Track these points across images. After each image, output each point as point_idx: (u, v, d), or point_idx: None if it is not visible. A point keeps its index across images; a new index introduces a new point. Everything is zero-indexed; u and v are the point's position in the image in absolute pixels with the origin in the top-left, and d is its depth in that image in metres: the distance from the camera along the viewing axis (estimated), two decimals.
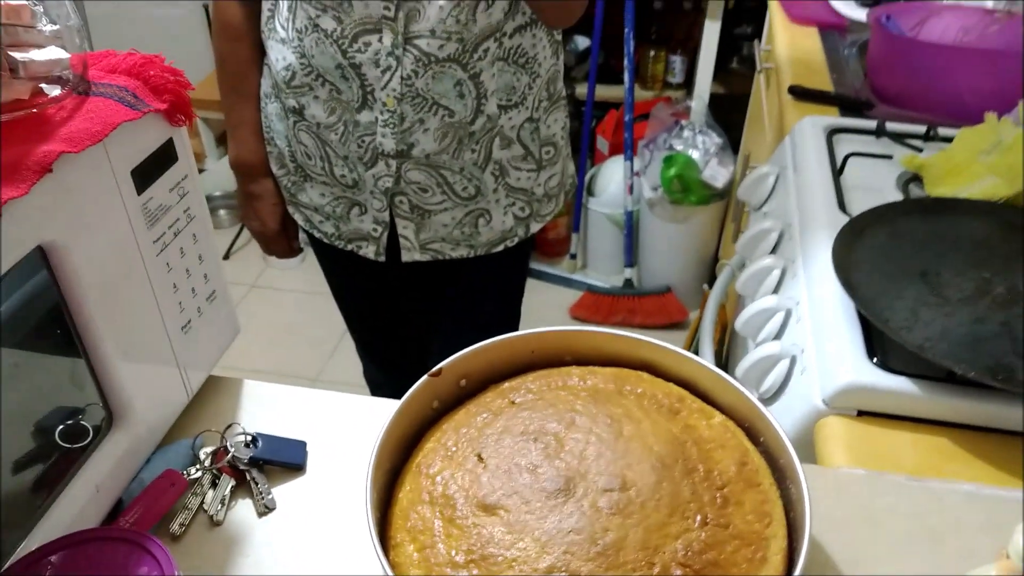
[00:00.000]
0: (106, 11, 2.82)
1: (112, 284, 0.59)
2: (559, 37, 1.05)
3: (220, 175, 2.52)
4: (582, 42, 2.39)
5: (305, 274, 2.44)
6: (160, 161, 0.62)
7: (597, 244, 2.43)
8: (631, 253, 2.31)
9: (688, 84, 2.27)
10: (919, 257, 0.79)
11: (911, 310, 0.73)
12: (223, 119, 1.14)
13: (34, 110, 0.56)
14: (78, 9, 0.62)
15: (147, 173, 0.61)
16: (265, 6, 1.01)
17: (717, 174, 2.03)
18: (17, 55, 0.56)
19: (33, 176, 0.50)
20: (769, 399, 0.79)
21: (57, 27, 0.59)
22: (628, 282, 2.34)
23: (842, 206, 0.93)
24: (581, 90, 2.29)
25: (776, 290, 0.92)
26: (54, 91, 0.58)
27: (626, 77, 2.09)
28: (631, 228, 2.26)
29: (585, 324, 2.28)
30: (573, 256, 2.46)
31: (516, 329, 1.38)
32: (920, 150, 1.02)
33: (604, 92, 2.31)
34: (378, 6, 0.90)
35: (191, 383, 0.72)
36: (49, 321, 0.58)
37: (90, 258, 0.57)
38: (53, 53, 0.58)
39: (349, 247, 1.12)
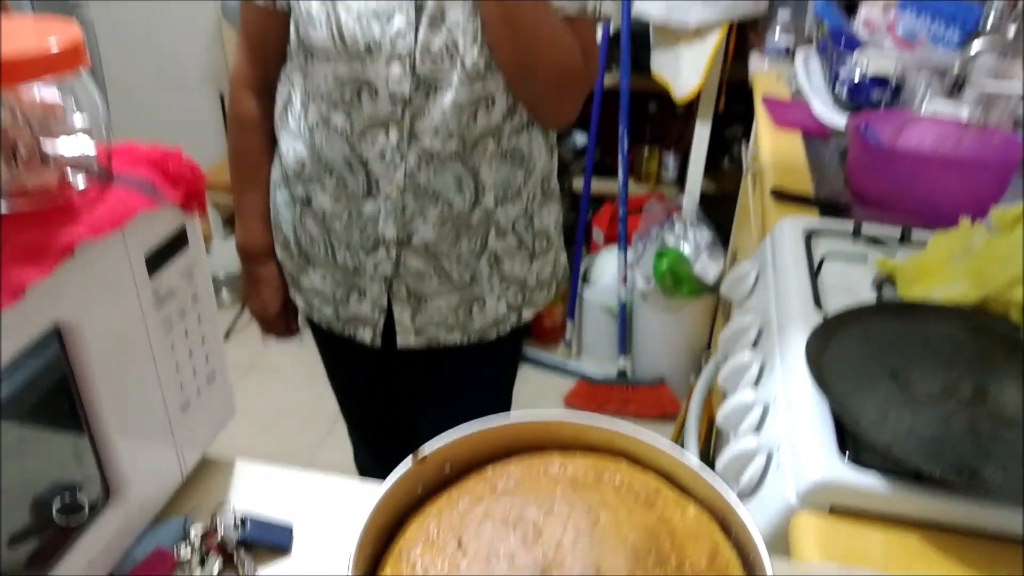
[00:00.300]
0: (127, 96, 2.95)
1: (119, 362, 0.63)
2: (554, 138, 1.11)
3: (225, 256, 2.58)
4: (580, 139, 2.49)
5: (302, 356, 2.46)
6: (172, 247, 0.66)
7: (592, 332, 2.47)
8: (625, 343, 2.34)
9: (681, 181, 2.36)
10: (890, 357, 0.83)
11: (881, 408, 0.76)
12: (232, 203, 1.19)
13: (60, 198, 0.61)
14: (103, 99, 0.67)
15: (159, 258, 0.65)
16: (279, 100, 1.08)
17: (708, 268, 2.09)
18: (48, 145, 0.61)
19: (55, 259, 0.54)
20: (748, 494, 0.81)
21: (86, 119, 0.65)
22: (622, 372, 2.36)
23: (818, 305, 0.97)
24: (578, 183, 2.37)
25: (755, 385, 0.95)
26: (79, 180, 0.63)
27: (620, 173, 2.18)
28: (625, 318, 2.30)
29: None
30: (568, 343, 2.49)
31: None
32: (894, 253, 1.07)
33: (600, 186, 2.40)
34: (386, 105, 0.96)
35: (186, 462, 0.74)
36: (54, 396, 0.61)
37: (101, 337, 0.60)
38: (81, 145, 0.63)
39: (347, 331, 1.16)
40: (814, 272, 1.05)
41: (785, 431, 0.81)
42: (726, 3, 1.83)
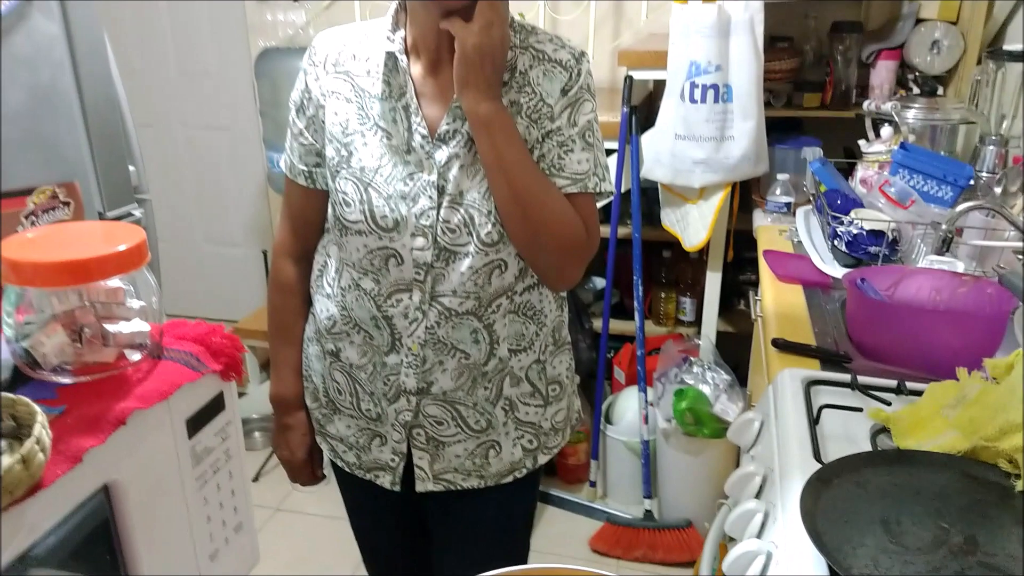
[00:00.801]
0: (178, 248, 3.17)
1: (157, 515, 0.70)
2: (564, 293, 1.21)
3: (259, 399, 2.67)
4: (599, 282, 2.60)
5: (328, 499, 2.49)
6: (210, 411, 0.75)
7: (616, 472, 2.47)
8: (650, 484, 2.34)
9: (698, 322, 2.43)
10: (881, 506, 0.86)
11: (872, 558, 0.79)
12: (267, 350, 1.28)
13: (116, 371, 0.70)
14: (158, 286, 0.78)
15: (199, 421, 0.73)
16: (315, 266, 1.20)
17: (728, 409, 2.12)
18: (110, 327, 0.72)
19: (110, 428, 0.63)
20: None
21: (143, 303, 0.75)
22: (648, 513, 2.35)
23: (817, 455, 1.01)
24: (598, 324, 2.46)
25: (760, 534, 0.98)
26: (134, 356, 0.72)
27: (636, 316, 2.27)
28: (648, 457, 2.31)
29: (605, 557, 2.27)
30: (593, 484, 2.49)
31: (525, 561, 1.42)
32: (889, 403, 1.12)
33: (620, 326, 2.48)
34: (411, 271, 1.07)
35: None
36: (95, 548, 0.68)
37: (143, 493, 0.68)
38: (137, 325, 0.73)
39: (368, 476, 1.22)
40: (813, 422, 1.09)
41: None
42: (728, 167, 1.97)
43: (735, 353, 2.34)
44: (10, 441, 0.59)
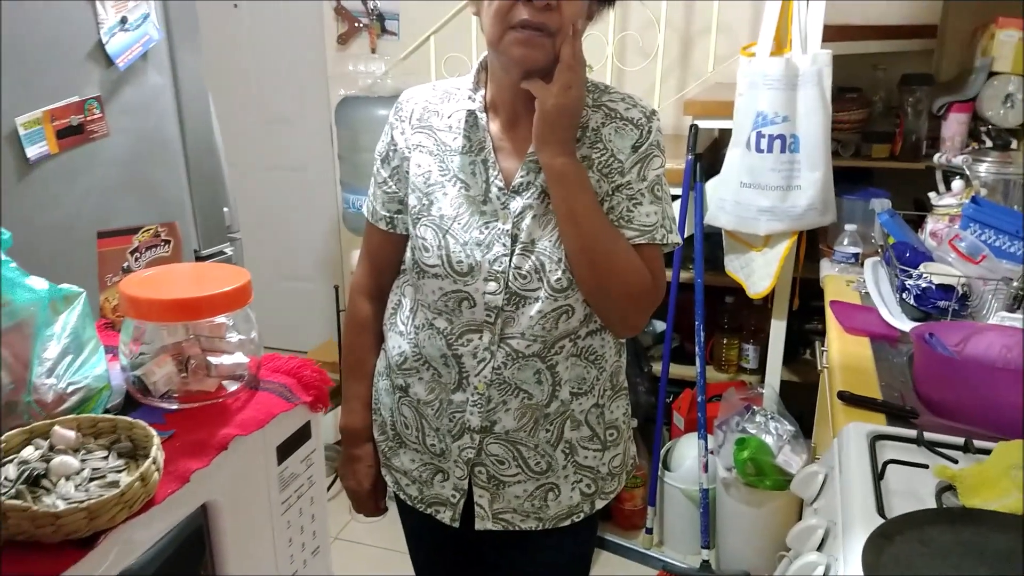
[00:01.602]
0: (255, 282, 3.30)
1: (247, 535, 0.75)
2: (623, 340, 1.24)
3: (325, 428, 2.75)
4: (659, 325, 2.61)
5: (386, 532, 2.54)
6: (298, 439, 0.81)
7: (674, 519, 2.45)
8: (708, 534, 2.31)
9: (761, 369, 2.41)
10: (944, 565, 0.86)
11: None
12: (337, 382, 1.34)
13: (218, 400, 0.76)
14: (253, 322, 0.84)
15: (288, 448, 0.79)
16: (390, 305, 1.26)
17: (791, 460, 2.09)
18: (213, 359, 0.78)
19: (214, 452, 0.69)
20: None
21: (243, 337, 0.82)
22: (706, 564, 2.32)
23: (880, 510, 1.01)
24: (657, 368, 2.46)
25: None
26: (232, 386, 0.79)
27: (697, 363, 2.27)
28: (707, 506, 2.29)
29: None
30: (649, 531, 2.47)
31: None
32: (956, 461, 1.11)
33: (680, 371, 2.48)
34: (482, 313, 1.12)
35: None
36: (185, 563, 0.73)
37: (236, 513, 0.74)
38: (237, 358, 0.80)
39: (428, 511, 1.26)
40: (878, 477, 1.09)
41: None
42: (794, 216, 1.98)
43: (799, 403, 2.31)
44: (128, 461, 0.66)
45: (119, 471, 0.64)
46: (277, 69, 3.07)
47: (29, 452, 0.64)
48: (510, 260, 1.10)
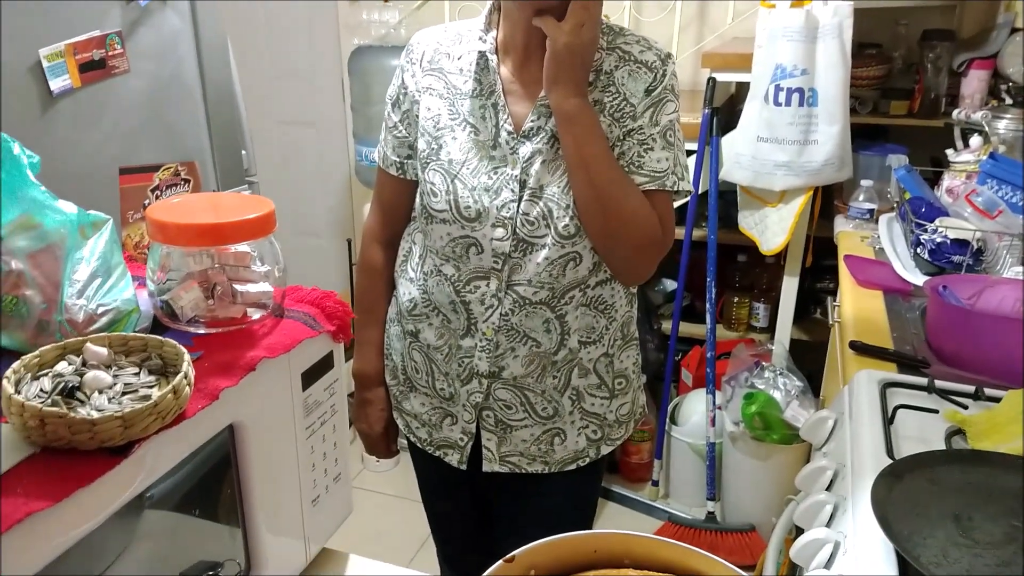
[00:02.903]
0: None
1: (271, 459, 0.77)
2: (634, 290, 1.24)
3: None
4: (670, 284, 2.62)
5: (397, 480, 2.58)
6: (322, 367, 0.82)
7: (680, 473, 2.49)
8: (714, 486, 2.35)
9: (771, 328, 2.43)
10: (954, 502, 0.88)
11: (941, 549, 0.81)
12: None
13: (244, 326, 0.78)
14: (278, 253, 0.85)
15: (312, 375, 0.80)
16: (401, 252, 1.27)
17: (799, 415, 2.11)
18: (238, 287, 0.80)
19: (242, 373, 0.70)
20: None
21: (267, 267, 0.83)
22: (711, 515, 2.36)
23: (890, 452, 1.03)
24: (667, 326, 2.48)
25: (829, 523, 1.00)
26: (257, 314, 0.80)
27: (708, 319, 2.28)
28: (713, 460, 2.32)
29: None
30: (655, 483, 2.51)
31: None
32: (966, 407, 1.12)
33: (689, 329, 2.49)
34: (489, 260, 1.12)
35: (311, 551, 0.86)
36: (216, 488, 0.75)
37: (262, 436, 0.75)
38: (262, 287, 0.81)
39: (437, 453, 1.28)
40: (888, 421, 1.11)
41: (852, 568, 0.86)
42: (811, 171, 1.97)
43: (808, 362, 2.32)
44: (158, 378, 0.68)
45: (150, 387, 0.65)
46: (288, 21, 3.04)
47: (63, 367, 0.65)
48: (518, 206, 1.10)
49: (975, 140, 1.89)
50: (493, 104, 1.11)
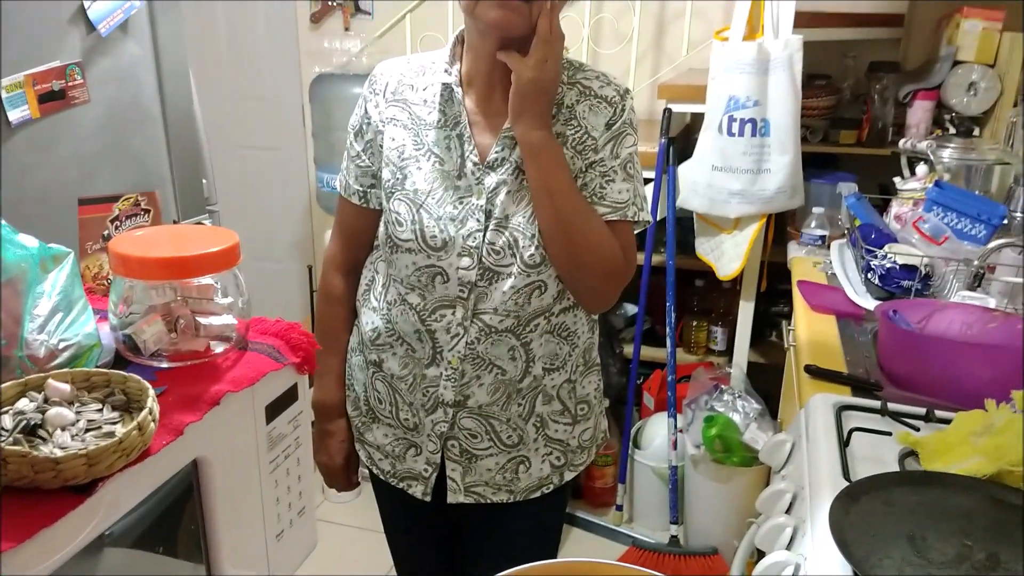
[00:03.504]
0: None
1: (236, 496, 0.77)
2: (595, 317, 1.26)
3: None
4: (631, 308, 2.65)
5: (359, 511, 2.55)
6: (286, 400, 0.82)
7: (643, 497, 2.50)
8: (677, 510, 2.37)
9: (729, 351, 2.47)
10: (908, 522, 0.90)
11: (898, 569, 0.83)
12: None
13: (207, 359, 0.77)
14: (241, 285, 0.85)
15: (276, 408, 0.80)
16: (363, 281, 1.26)
17: (757, 437, 2.15)
18: (202, 319, 0.79)
19: (206, 407, 0.70)
20: None
21: (230, 300, 0.83)
22: (674, 539, 2.37)
23: (846, 475, 1.06)
24: (628, 349, 2.51)
25: (789, 546, 1.02)
26: (221, 346, 0.80)
27: (668, 343, 2.31)
28: (676, 483, 2.34)
29: None
30: (619, 508, 2.52)
31: None
32: (918, 429, 1.16)
33: (650, 353, 2.52)
34: (455, 288, 1.13)
35: None
36: (173, 519, 0.75)
37: (225, 473, 0.75)
38: (226, 319, 0.81)
39: (401, 485, 1.27)
40: (844, 444, 1.13)
41: None
42: (764, 199, 2.02)
43: (766, 384, 2.37)
44: (122, 414, 0.67)
45: (114, 423, 0.64)
46: (249, 47, 3.03)
47: (24, 404, 0.64)
48: (484, 235, 1.10)
49: (921, 168, 1.96)
50: (459, 135, 1.13)
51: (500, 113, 1.11)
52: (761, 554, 1.11)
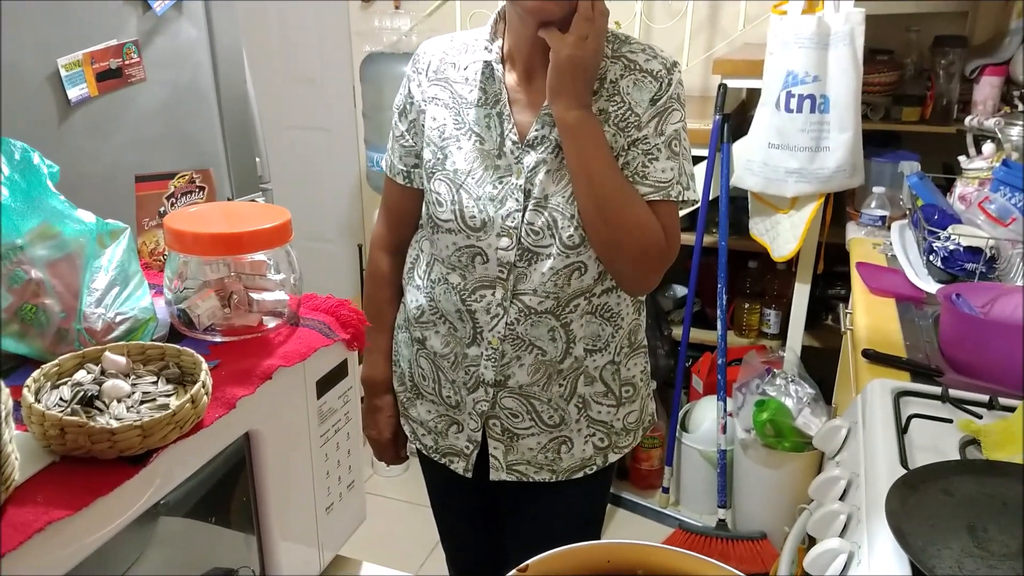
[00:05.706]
0: None
1: (287, 469, 0.78)
2: (642, 298, 1.24)
3: None
4: (680, 290, 2.61)
5: (408, 485, 2.59)
6: (336, 375, 0.82)
7: (690, 480, 2.48)
8: (725, 494, 2.34)
9: (782, 335, 2.42)
10: (968, 513, 0.87)
11: (956, 560, 0.80)
12: None
13: (260, 334, 0.78)
14: (293, 262, 0.86)
15: (327, 383, 0.81)
16: (408, 260, 1.27)
17: (810, 423, 2.11)
18: (254, 295, 0.80)
19: (259, 381, 0.71)
20: None
21: (282, 276, 0.84)
22: (722, 523, 2.35)
23: (904, 462, 1.03)
24: (677, 332, 2.48)
25: (842, 534, 1.00)
26: (273, 322, 0.81)
27: (719, 326, 2.28)
28: (724, 467, 2.32)
29: None
30: (666, 490, 2.51)
31: None
32: (980, 417, 1.11)
33: (700, 335, 2.49)
34: (495, 269, 1.12)
35: (324, 558, 0.87)
36: (225, 491, 0.76)
37: (276, 446, 0.76)
38: (278, 295, 0.82)
39: (443, 460, 1.28)
40: (901, 431, 1.10)
41: None
42: (822, 177, 1.96)
43: (819, 369, 2.32)
44: (175, 387, 0.68)
45: (168, 395, 0.66)
46: (300, 28, 3.06)
47: (82, 376, 0.66)
48: (523, 216, 1.10)
49: (988, 147, 1.88)
50: (498, 113, 1.12)
51: (540, 91, 1.09)
52: (813, 541, 1.09)
